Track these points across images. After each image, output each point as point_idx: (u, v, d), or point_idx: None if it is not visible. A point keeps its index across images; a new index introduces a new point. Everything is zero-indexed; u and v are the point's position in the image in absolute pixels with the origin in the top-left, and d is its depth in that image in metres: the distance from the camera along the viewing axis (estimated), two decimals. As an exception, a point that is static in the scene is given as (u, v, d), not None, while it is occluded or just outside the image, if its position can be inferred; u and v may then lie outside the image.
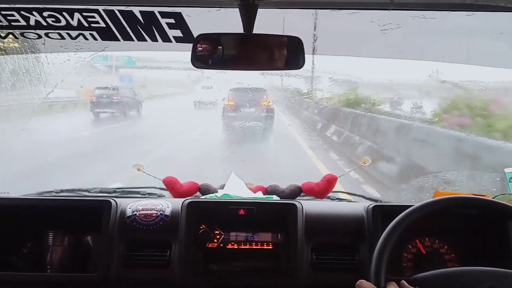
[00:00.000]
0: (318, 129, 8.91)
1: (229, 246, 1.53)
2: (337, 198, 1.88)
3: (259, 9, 1.29)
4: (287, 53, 1.36)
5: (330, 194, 1.87)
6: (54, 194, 1.82)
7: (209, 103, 14.61)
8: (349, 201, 1.88)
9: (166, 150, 7.05)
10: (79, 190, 1.87)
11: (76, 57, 2.19)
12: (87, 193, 1.84)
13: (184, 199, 1.61)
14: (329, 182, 1.84)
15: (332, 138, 8.08)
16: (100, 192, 1.86)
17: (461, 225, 1.55)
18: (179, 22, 1.54)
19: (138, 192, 1.86)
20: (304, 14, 1.74)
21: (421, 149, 5.80)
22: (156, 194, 1.88)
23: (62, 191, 1.86)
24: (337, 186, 1.89)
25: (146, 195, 1.84)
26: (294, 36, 1.35)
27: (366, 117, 7.35)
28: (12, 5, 1.49)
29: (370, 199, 1.84)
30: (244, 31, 1.33)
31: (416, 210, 1.15)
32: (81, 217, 1.60)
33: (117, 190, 1.90)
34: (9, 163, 3.55)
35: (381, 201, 1.77)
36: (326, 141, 8.03)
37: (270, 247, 1.53)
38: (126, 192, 1.87)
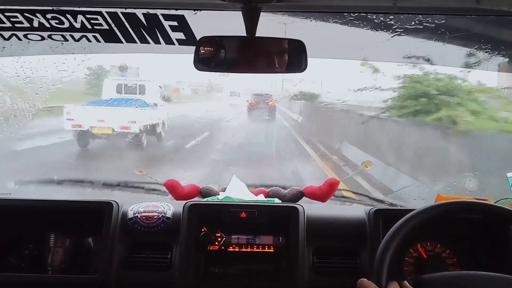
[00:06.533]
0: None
1: (230, 249, 1.53)
2: (342, 196, 1.86)
3: (262, 13, 1.29)
4: (289, 56, 1.36)
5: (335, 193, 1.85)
6: (56, 183, 1.81)
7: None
8: (352, 200, 1.85)
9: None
10: (82, 181, 1.87)
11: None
12: (89, 185, 1.85)
13: (185, 201, 1.61)
14: (332, 186, 1.83)
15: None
16: (103, 184, 1.86)
17: (463, 230, 1.55)
18: (182, 25, 1.54)
19: (143, 188, 1.86)
20: (307, 17, 1.74)
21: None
22: (160, 190, 1.89)
23: (64, 181, 1.85)
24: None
25: (150, 191, 1.84)
26: (296, 39, 1.36)
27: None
28: (15, 7, 1.49)
29: (375, 199, 1.83)
30: (247, 34, 1.34)
31: (418, 214, 1.14)
32: (82, 219, 1.60)
33: (120, 183, 1.89)
34: None
35: (386, 203, 1.76)
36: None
37: (271, 250, 1.53)
38: (129, 186, 1.87)
